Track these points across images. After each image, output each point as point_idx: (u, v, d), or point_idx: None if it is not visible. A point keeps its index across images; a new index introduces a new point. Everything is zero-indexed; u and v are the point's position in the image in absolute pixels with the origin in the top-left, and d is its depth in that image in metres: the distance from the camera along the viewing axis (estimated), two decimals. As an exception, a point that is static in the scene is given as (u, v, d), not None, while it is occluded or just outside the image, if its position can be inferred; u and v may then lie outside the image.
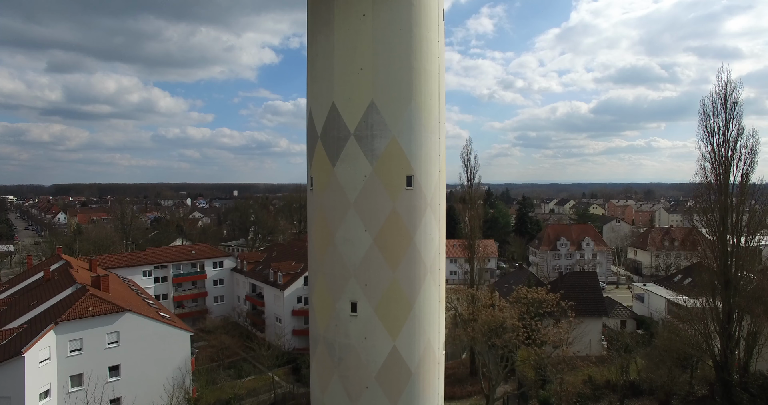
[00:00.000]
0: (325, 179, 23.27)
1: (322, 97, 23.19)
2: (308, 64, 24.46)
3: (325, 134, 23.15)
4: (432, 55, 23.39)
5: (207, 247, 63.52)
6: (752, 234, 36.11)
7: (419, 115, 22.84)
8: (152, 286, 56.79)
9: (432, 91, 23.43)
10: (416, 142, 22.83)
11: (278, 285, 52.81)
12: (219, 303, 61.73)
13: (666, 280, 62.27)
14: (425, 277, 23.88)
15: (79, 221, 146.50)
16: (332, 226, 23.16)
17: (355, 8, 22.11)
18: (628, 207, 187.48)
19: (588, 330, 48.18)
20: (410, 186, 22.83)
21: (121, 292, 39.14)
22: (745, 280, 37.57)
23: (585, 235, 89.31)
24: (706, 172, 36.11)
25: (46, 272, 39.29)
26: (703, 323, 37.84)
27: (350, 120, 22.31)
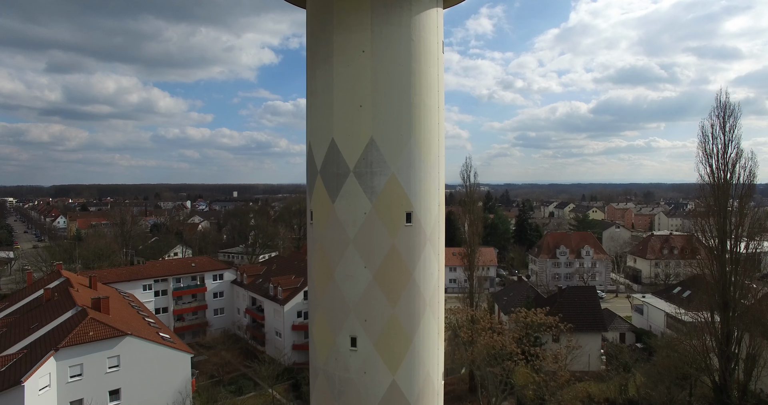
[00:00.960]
0: (325, 215, 23.31)
1: (322, 132, 23.25)
2: (307, 98, 24.53)
3: (325, 170, 23.20)
4: (432, 89, 23.43)
5: (207, 260, 63.60)
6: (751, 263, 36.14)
7: (419, 150, 22.89)
8: (152, 300, 56.90)
9: (432, 126, 23.48)
10: (416, 178, 22.86)
11: (278, 300, 52.94)
12: (219, 315, 61.87)
13: (665, 292, 62.42)
14: (424, 311, 23.92)
15: (79, 226, 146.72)
16: (332, 262, 23.21)
17: (354, 44, 22.14)
18: (628, 210, 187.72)
19: (587, 345, 48.35)
20: (410, 222, 22.86)
21: (121, 313, 39.22)
22: (743, 300, 37.69)
23: (584, 243, 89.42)
24: (705, 194, 36.25)
25: (46, 292, 39.36)
26: (702, 343, 38.02)
27: (349, 157, 22.34)
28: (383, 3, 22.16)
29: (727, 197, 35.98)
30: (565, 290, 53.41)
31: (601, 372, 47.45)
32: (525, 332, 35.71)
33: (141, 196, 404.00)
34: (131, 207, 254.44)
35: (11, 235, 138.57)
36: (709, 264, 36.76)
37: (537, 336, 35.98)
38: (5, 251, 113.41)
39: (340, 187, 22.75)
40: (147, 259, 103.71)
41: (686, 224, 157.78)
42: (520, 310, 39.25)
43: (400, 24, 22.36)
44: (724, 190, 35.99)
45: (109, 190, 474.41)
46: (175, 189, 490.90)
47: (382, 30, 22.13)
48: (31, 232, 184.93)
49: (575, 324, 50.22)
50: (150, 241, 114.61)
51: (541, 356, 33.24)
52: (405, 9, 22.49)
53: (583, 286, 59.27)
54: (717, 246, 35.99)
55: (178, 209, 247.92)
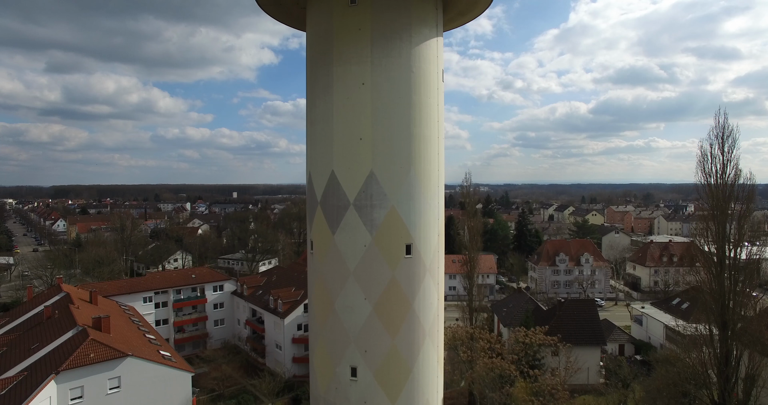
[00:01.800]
0: (325, 246, 23.40)
1: (322, 163, 23.33)
2: (307, 126, 24.61)
3: (325, 201, 23.28)
4: (431, 120, 23.52)
5: (207, 271, 63.66)
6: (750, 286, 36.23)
7: (418, 182, 22.98)
8: (152, 312, 56.94)
9: (431, 157, 23.57)
10: (415, 210, 22.95)
11: (278, 313, 52.99)
12: (219, 326, 61.91)
13: (664, 303, 62.53)
14: (424, 340, 24.04)
15: (79, 231, 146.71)
16: (332, 294, 23.32)
17: (354, 76, 22.20)
18: (627, 214, 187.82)
19: (586, 359, 48.44)
20: (409, 254, 22.96)
21: (122, 330, 39.29)
22: (743, 309, 37.58)
23: (584, 251, 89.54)
24: (704, 214, 36.30)
25: (46, 310, 39.41)
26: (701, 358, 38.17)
27: (350, 190, 22.43)
28: (383, 35, 22.22)
29: (725, 218, 36.04)
30: (564, 303, 53.48)
31: (600, 386, 47.57)
32: (524, 353, 35.79)
33: (141, 197, 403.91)
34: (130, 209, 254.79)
35: (11, 240, 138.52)
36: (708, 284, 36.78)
37: (536, 357, 36.07)
38: (5, 257, 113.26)
39: (340, 219, 22.85)
40: (147, 266, 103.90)
41: (685, 228, 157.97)
42: (519, 329, 39.31)
43: (400, 56, 22.41)
44: (723, 210, 36.05)
45: (108, 191, 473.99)
46: (174, 190, 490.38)
47: (382, 62, 22.18)
48: (31, 236, 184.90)
49: (574, 337, 50.36)
50: (150, 246, 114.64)
51: (540, 378, 33.34)
52: (405, 41, 22.54)
53: (582, 299, 59.31)
54: (716, 266, 36.06)
55: (177, 211, 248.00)
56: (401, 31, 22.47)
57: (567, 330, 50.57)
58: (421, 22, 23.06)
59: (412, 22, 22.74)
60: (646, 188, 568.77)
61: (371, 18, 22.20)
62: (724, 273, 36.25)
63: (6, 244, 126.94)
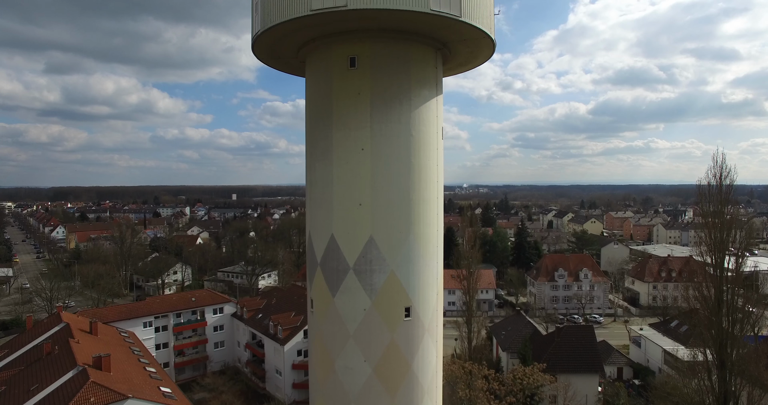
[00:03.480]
0: (325, 307, 23.53)
1: (322, 226, 23.44)
2: (307, 187, 24.75)
3: (325, 263, 23.38)
4: (431, 181, 23.63)
5: (207, 293, 63.80)
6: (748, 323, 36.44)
7: (417, 246, 23.08)
8: (152, 337, 57.06)
9: (431, 219, 23.67)
10: (414, 273, 23.07)
11: (278, 339, 53.16)
12: (219, 348, 62.07)
13: (663, 325, 62.77)
14: (422, 399, 24.18)
15: (78, 240, 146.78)
16: (332, 354, 23.45)
17: (354, 142, 22.29)
18: (627, 221, 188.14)
19: (584, 387, 48.67)
20: (408, 316, 23.08)
21: (123, 366, 39.40)
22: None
23: (583, 266, 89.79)
24: (702, 254, 36.51)
25: (46, 346, 39.52)
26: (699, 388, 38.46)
27: (349, 254, 22.53)
28: (383, 100, 22.28)
29: (723, 258, 36.21)
30: (562, 329, 53.72)
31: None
32: (522, 393, 35.98)
33: (140, 199, 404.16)
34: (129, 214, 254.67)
35: (10, 251, 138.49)
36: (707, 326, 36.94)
37: (535, 398, 36.28)
38: (4, 268, 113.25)
39: (340, 282, 22.95)
40: (146, 278, 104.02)
41: (684, 236, 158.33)
42: (516, 368, 39.50)
43: (400, 121, 22.48)
44: (721, 249, 36.22)
45: (108, 193, 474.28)
46: (173, 191, 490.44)
47: (382, 127, 22.25)
48: (30, 242, 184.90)
49: (573, 365, 50.61)
50: (149, 257, 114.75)
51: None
52: (405, 104, 22.61)
53: (580, 325, 59.59)
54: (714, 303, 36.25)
55: (177, 217, 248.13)
56: (401, 95, 22.55)
57: (565, 357, 50.82)
58: (421, 84, 23.14)
59: (411, 85, 22.82)
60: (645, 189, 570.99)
61: (371, 82, 22.26)
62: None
63: (5, 255, 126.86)
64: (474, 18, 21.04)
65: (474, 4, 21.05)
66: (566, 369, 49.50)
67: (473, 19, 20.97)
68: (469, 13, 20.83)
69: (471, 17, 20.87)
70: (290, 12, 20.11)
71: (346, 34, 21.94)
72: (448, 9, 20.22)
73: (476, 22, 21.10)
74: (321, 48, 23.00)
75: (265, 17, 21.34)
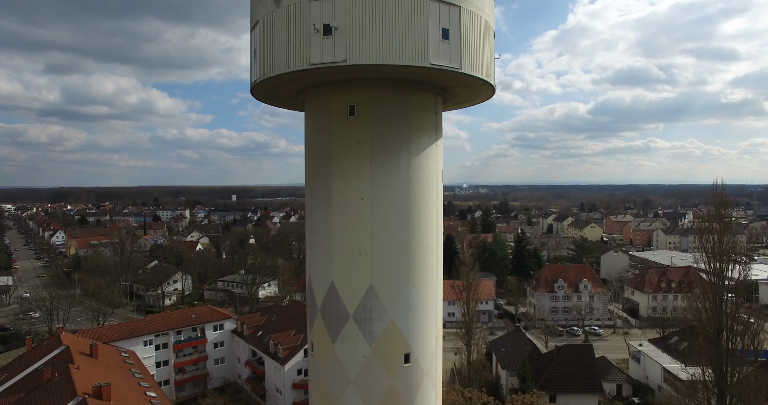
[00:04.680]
0: (325, 353, 23.56)
1: (322, 273, 23.45)
2: (307, 233, 24.73)
3: (325, 310, 23.40)
4: (431, 228, 23.62)
5: (207, 310, 63.84)
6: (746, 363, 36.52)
7: (417, 292, 23.10)
8: (153, 355, 57.10)
9: (430, 265, 23.68)
10: (414, 320, 23.09)
11: (278, 358, 53.20)
12: (220, 365, 62.15)
13: (662, 341, 62.83)
14: (423, 443, 24.24)
15: (78, 246, 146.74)
16: (333, 398, 23.50)
17: (353, 191, 22.26)
18: (627, 225, 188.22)
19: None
20: (408, 363, 23.12)
21: (123, 392, 39.45)
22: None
23: (582, 277, 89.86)
24: (703, 285, 36.57)
25: (46, 373, 39.54)
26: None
27: (349, 302, 22.54)
28: (382, 149, 22.23)
29: (723, 287, 36.33)
30: (561, 349, 53.82)
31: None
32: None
33: (139, 200, 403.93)
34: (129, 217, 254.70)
35: (10, 258, 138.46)
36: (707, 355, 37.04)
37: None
38: (4, 276, 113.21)
39: (340, 329, 22.98)
40: (146, 288, 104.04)
41: (684, 242, 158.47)
42: (515, 397, 39.57)
43: (399, 169, 22.46)
44: (720, 277, 36.32)
45: (107, 194, 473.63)
46: (173, 192, 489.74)
47: (381, 176, 22.22)
48: (30, 248, 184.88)
49: (571, 384, 50.74)
50: (150, 265, 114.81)
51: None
52: (404, 153, 22.57)
53: (579, 344, 59.58)
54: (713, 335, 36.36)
55: (176, 220, 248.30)
56: (400, 143, 22.51)
57: (564, 377, 50.95)
58: (421, 131, 23.11)
59: (411, 132, 22.79)
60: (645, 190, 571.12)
61: (370, 131, 22.22)
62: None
63: (5, 263, 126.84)
64: (474, 68, 21.00)
65: (474, 55, 20.99)
66: (565, 389, 49.63)
67: (474, 70, 20.94)
68: (470, 64, 20.78)
69: (471, 68, 20.83)
70: (289, 65, 20.07)
71: (346, 83, 21.91)
72: (448, 62, 20.18)
73: (477, 73, 21.09)
74: (320, 94, 22.98)
75: (263, 67, 21.32)
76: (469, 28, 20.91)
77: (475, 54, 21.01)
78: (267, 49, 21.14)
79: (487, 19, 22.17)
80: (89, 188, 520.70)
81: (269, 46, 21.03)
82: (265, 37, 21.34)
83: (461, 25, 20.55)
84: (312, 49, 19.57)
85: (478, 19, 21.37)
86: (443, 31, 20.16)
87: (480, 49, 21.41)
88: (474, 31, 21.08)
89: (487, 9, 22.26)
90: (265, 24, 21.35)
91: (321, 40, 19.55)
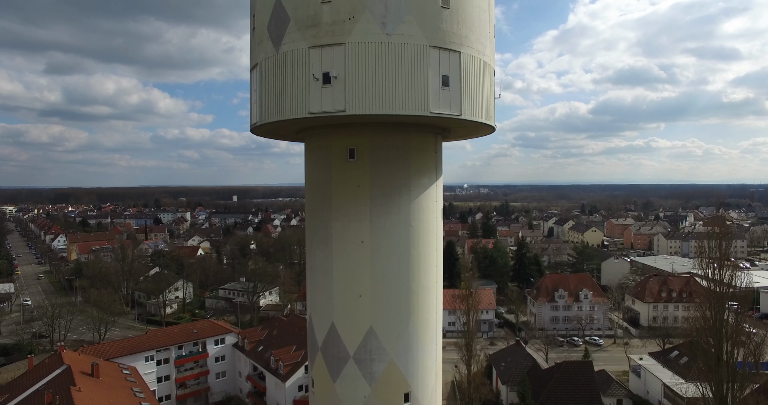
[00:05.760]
0: (326, 391, 23.67)
1: (323, 313, 23.53)
2: (307, 272, 24.82)
3: (326, 349, 23.48)
4: (430, 269, 23.67)
5: (208, 324, 63.99)
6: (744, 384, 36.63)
7: (416, 333, 23.18)
8: (154, 370, 57.27)
9: (430, 305, 23.75)
10: (414, 360, 23.18)
11: (279, 375, 53.35)
12: (221, 379, 62.33)
13: (662, 355, 62.87)
14: (423, 480, 24.33)
15: (79, 251, 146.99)
16: (332, 439, 23.57)
17: (353, 234, 22.29)
18: (627, 229, 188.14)
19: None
20: (408, 402, 23.21)
21: (123, 415, 39.64)
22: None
23: (583, 286, 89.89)
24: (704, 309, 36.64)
25: (47, 396, 39.69)
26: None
27: (349, 343, 22.62)
28: (382, 192, 22.25)
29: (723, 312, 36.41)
30: (561, 365, 53.90)
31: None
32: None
33: (140, 201, 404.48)
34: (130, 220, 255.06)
35: (11, 264, 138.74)
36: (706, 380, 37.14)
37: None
38: (5, 283, 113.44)
39: (341, 369, 23.06)
40: (148, 296, 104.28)
41: (685, 247, 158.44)
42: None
43: (399, 212, 22.50)
44: (721, 303, 36.38)
45: (108, 195, 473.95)
46: (174, 193, 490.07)
47: (381, 220, 22.25)
48: (32, 253, 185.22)
49: (571, 402, 50.79)
50: (151, 272, 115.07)
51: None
52: (404, 196, 22.61)
53: (579, 361, 59.59)
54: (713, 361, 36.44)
55: (177, 223, 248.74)
56: (400, 187, 22.54)
57: (564, 395, 51.03)
58: (421, 173, 23.12)
59: (411, 175, 22.79)
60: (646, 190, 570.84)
61: (370, 175, 22.23)
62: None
63: (6, 270, 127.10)
64: (474, 112, 20.95)
65: (474, 99, 20.95)
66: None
67: (473, 115, 20.90)
68: (470, 109, 20.74)
69: (471, 113, 20.79)
70: (289, 112, 20.07)
71: (346, 126, 21.94)
72: (448, 109, 20.18)
73: (477, 117, 21.07)
74: (320, 135, 23.05)
75: (263, 111, 21.34)
76: (469, 72, 20.89)
77: (475, 98, 20.98)
78: (266, 93, 21.15)
79: (487, 60, 22.13)
80: (90, 189, 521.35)
81: (269, 90, 21.03)
82: (264, 80, 21.35)
83: (461, 70, 20.53)
84: (311, 97, 19.58)
85: (478, 63, 21.33)
86: (443, 78, 20.13)
87: (480, 92, 21.36)
88: (474, 75, 21.03)
89: (487, 51, 22.22)
90: (265, 68, 21.36)
91: (320, 89, 19.57)
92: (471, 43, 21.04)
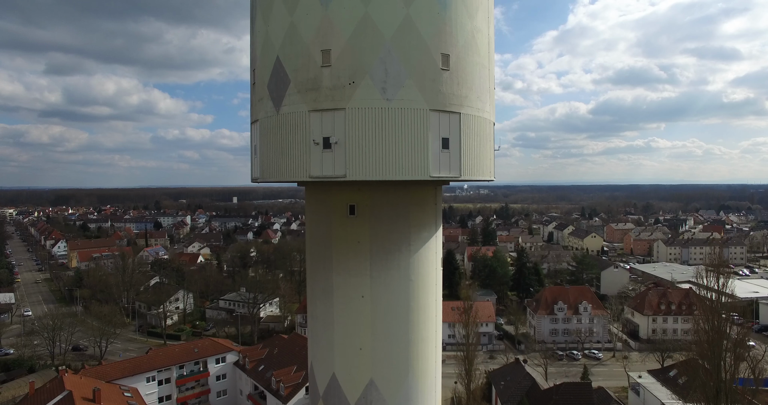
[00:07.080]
0: (327, 441, 23.91)
1: (323, 363, 23.79)
2: (309, 321, 25.02)
3: (327, 399, 23.74)
4: (429, 320, 23.92)
5: (209, 343, 64.26)
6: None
7: (416, 383, 23.45)
8: (155, 391, 57.59)
9: (429, 354, 23.99)
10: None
11: (280, 396, 53.62)
12: (222, 397, 62.67)
13: (661, 373, 63.13)
14: None
15: (80, 259, 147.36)
16: None
17: (354, 288, 22.55)
18: (627, 234, 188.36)
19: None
20: (408, 453, 23.47)
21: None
22: None
23: (582, 299, 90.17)
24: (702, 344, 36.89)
25: (51, 425, 39.98)
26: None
27: (350, 394, 22.90)
28: (383, 248, 22.48)
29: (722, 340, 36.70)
30: (561, 387, 54.17)
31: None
32: None
33: (141, 203, 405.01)
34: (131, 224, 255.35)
35: (11, 272, 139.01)
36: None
37: None
38: (6, 293, 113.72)
39: (342, 421, 23.39)
40: (148, 306, 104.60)
41: (684, 253, 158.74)
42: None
43: (399, 267, 22.73)
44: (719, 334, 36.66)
45: (109, 197, 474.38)
46: (174, 194, 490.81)
47: (381, 275, 22.49)
48: (32, 259, 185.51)
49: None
50: (151, 281, 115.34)
51: None
52: (404, 251, 22.85)
53: (578, 382, 59.90)
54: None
55: (177, 227, 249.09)
56: (400, 242, 22.79)
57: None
58: (421, 227, 23.35)
59: (411, 230, 23.02)
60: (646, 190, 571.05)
61: (370, 231, 22.46)
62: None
63: (7, 278, 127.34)
64: (474, 172, 21.13)
65: (474, 158, 21.12)
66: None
67: (473, 174, 21.10)
68: (469, 169, 20.91)
69: (471, 173, 20.97)
70: (289, 174, 20.30)
71: (347, 184, 22.14)
72: (447, 172, 20.37)
73: (476, 176, 21.29)
74: (320, 190, 23.30)
75: (264, 169, 21.55)
76: (469, 132, 21.05)
77: (474, 157, 21.16)
78: (267, 151, 21.33)
79: (486, 116, 22.32)
80: (91, 190, 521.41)
81: (269, 148, 21.21)
82: (264, 138, 21.54)
83: (461, 131, 20.69)
84: (312, 160, 19.76)
85: (477, 121, 21.50)
86: (443, 141, 20.33)
87: (479, 150, 21.54)
88: (474, 134, 21.19)
89: (487, 107, 22.42)
90: (265, 126, 21.56)
91: (321, 153, 19.76)
92: (471, 102, 21.24)
